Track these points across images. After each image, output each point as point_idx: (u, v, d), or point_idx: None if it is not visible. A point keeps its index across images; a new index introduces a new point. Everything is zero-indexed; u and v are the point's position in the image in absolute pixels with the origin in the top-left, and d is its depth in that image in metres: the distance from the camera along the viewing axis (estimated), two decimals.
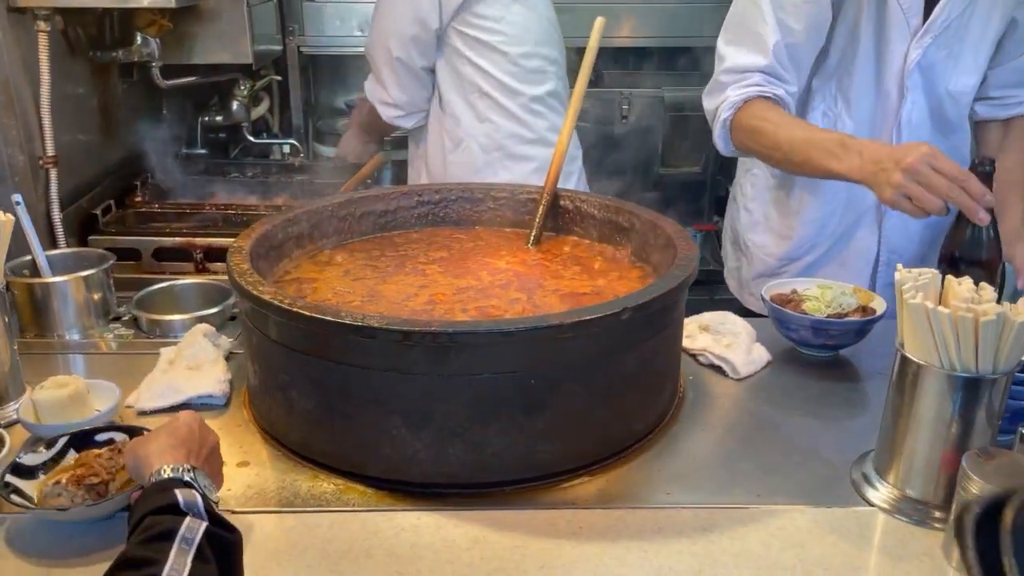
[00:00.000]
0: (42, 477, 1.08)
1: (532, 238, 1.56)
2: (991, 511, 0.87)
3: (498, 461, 1.11)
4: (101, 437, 1.14)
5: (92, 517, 1.03)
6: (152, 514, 0.85)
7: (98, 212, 1.93)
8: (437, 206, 1.65)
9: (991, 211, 1.29)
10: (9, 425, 1.24)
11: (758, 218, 1.84)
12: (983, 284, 1.05)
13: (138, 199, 2.09)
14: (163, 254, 1.88)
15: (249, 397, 1.31)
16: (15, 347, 1.32)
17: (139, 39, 1.94)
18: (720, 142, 1.66)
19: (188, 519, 0.84)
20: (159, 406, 1.31)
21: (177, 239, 1.88)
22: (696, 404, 1.34)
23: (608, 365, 1.13)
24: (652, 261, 1.44)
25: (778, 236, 1.81)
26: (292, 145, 2.62)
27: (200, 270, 1.88)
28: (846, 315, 1.47)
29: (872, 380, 1.43)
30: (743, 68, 1.60)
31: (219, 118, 2.46)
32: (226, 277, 1.77)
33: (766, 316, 1.54)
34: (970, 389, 1.03)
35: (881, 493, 1.11)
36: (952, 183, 1.29)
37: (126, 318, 1.61)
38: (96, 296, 1.58)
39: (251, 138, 2.56)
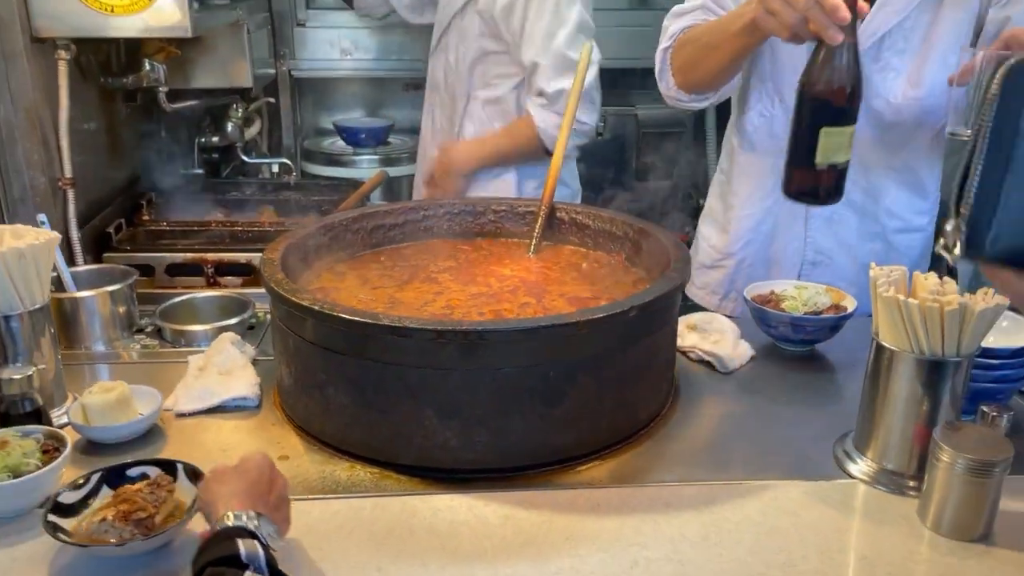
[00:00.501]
0: (85, 512, 1.10)
1: (532, 247, 1.68)
2: None
3: (520, 447, 1.23)
4: (134, 472, 1.15)
5: (145, 551, 1.06)
6: (213, 564, 0.87)
7: (111, 231, 2.02)
8: (442, 219, 1.76)
9: (853, 39, 1.27)
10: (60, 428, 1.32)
11: (707, 209, 1.98)
12: (946, 278, 1.19)
13: (146, 217, 2.18)
14: (175, 269, 1.97)
15: (281, 397, 1.42)
16: (59, 356, 1.40)
17: (147, 65, 2.03)
18: (660, 79, 1.72)
19: (248, 574, 0.86)
20: (196, 408, 1.40)
21: (189, 255, 1.97)
22: (690, 395, 1.47)
23: (617, 359, 1.26)
24: (645, 266, 1.57)
25: (720, 229, 1.90)
26: (284, 164, 2.72)
27: (211, 284, 1.97)
28: (821, 312, 1.61)
29: (845, 370, 1.57)
30: (685, 10, 1.69)
31: (215, 139, 2.55)
32: (240, 290, 1.89)
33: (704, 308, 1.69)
34: (937, 371, 1.17)
35: (861, 467, 1.25)
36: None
37: (149, 330, 1.70)
38: (121, 309, 1.66)
39: (244, 158, 2.66)
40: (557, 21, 2.06)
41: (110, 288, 1.64)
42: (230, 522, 0.93)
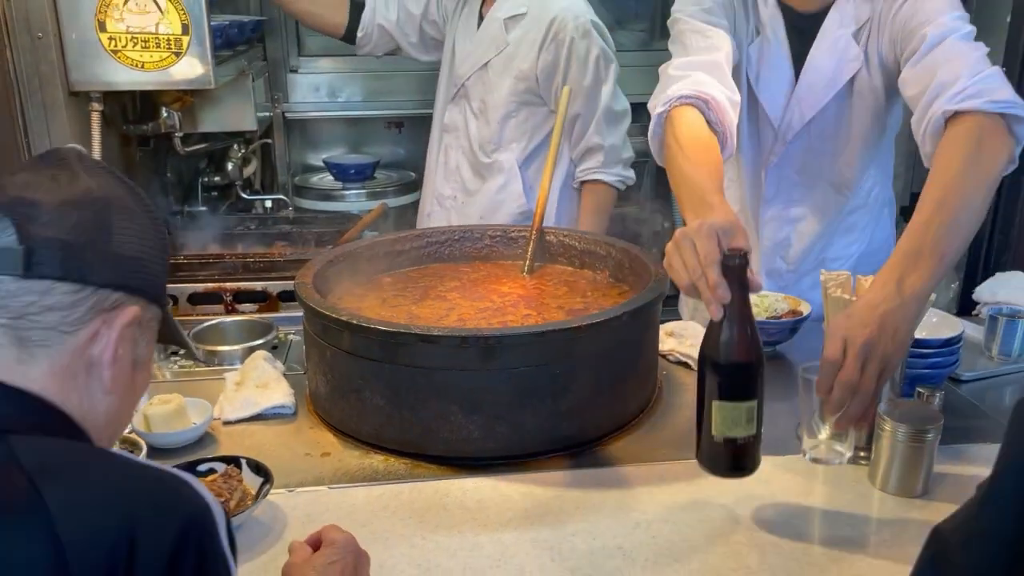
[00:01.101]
0: None
1: (527, 268, 1.90)
2: None
3: (533, 436, 1.44)
4: (203, 468, 1.33)
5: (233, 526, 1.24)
6: None
7: None
8: (443, 245, 1.97)
9: (745, 313, 1.17)
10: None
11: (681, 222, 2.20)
12: None
13: None
14: (196, 298, 2.16)
15: (315, 403, 1.60)
16: None
17: (164, 113, 2.22)
18: (651, 141, 1.64)
19: None
20: (241, 416, 1.58)
21: (209, 284, 2.15)
22: (672, 391, 1.69)
23: (612, 358, 1.48)
24: (628, 281, 1.79)
25: None
26: (280, 200, 2.91)
27: (230, 311, 2.15)
28: (780, 317, 1.85)
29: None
30: (678, 68, 1.66)
31: (217, 178, 2.74)
32: (258, 315, 2.07)
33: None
34: None
35: (822, 437, 1.48)
36: (697, 267, 1.17)
37: (182, 353, 1.87)
38: None
39: (243, 195, 2.84)
40: (598, 78, 2.27)
41: None
42: None
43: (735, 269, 1.16)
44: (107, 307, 0.85)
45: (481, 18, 2.35)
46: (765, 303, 1.89)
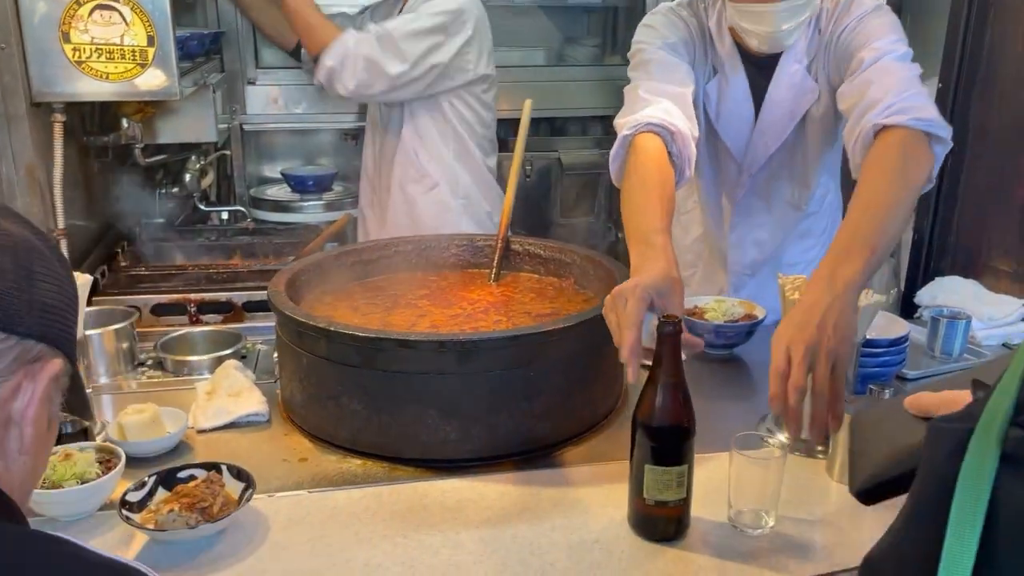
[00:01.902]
0: (147, 509, 1.29)
1: (493, 275, 1.94)
2: None
3: (509, 437, 1.48)
4: (183, 474, 1.34)
5: (210, 534, 1.25)
6: None
7: (97, 276, 2.18)
8: (411, 254, 2.01)
9: (678, 379, 1.21)
10: None
11: None
12: None
13: (123, 264, 2.34)
14: (160, 309, 2.15)
15: (290, 410, 1.62)
16: (90, 390, 1.58)
17: (125, 124, 2.22)
18: (612, 164, 1.70)
19: None
20: (215, 424, 1.59)
21: (173, 295, 2.15)
22: (636, 394, 1.74)
23: (582, 361, 1.53)
24: (593, 287, 1.85)
25: None
26: (239, 211, 2.91)
27: (194, 322, 2.15)
28: (736, 321, 1.92)
29: (759, 368, 1.88)
30: (657, 91, 1.72)
31: (175, 189, 2.73)
32: (224, 326, 2.08)
33: None
34: None
35: (781, 439, 1.55)
36: (619, 328, 1.27)
37: (149, 363, 1.87)
38: (124, 345, 1.84)
39: (202, 207, 2.84)
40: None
41: (116, 326, 1.82)
42: None
43: (669, 336, 1.20)
44: (30, 359, 0.78)
45: None
46: (722, 307, 1.97)
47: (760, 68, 1.90)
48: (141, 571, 0.73)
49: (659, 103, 1.68)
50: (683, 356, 1.24)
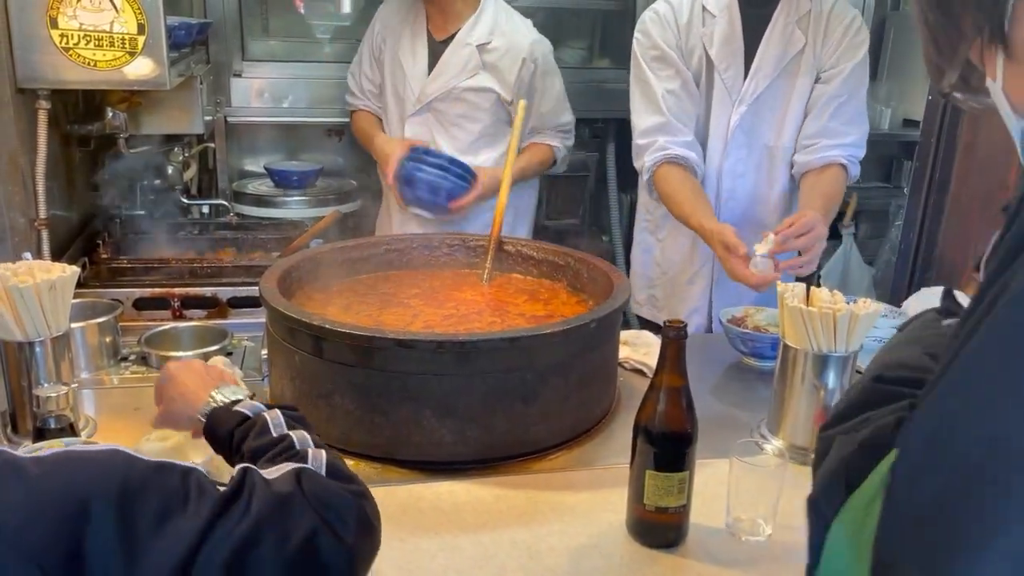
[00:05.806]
0: None
1: (486, 276, 1.92)
2: None
3: (504, 440, 1.46)
4: None
5: None
6: (238, 426, 1.06)
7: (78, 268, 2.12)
8: (402, 253, 1.98)
9: (682, 385, 1.24)
10: None
11: (639, 239, 2.40)
12: (836, 291, 1.52)
13: (104, 256, 2.29)
14: (143, 303, 2.10)
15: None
16: (74, 385, 1.53)
17: (110, 114, 2.17)
18: (648, 192, 2.20)
19: (265, 414, 1.05)
20: None
21: (157, 289, 2.10)
22: (630, 397, 1.74)
23: (579, 363, 1.52)
24: (586, 290, 1.84)
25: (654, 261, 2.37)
26: (221, 205, 2.86)
27: (177, 316, 2.10)
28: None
29: (758, 373, 1.89)
30: (649, 131, 2.11)
31: (157, 182, 2.67)
32: (209, 321, 2.04)
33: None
34: (831, 364, 1.48)
35: (776, 445, 1.55)
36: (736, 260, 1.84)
37: (132, 358, 1.83)
38: (108, 339, 1.80)
39: (184, 200, 2.79)
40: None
41: (99, 320, 1.77)
42: (218, 402, 1.12)
43: (674, 341, 1.21)
44: None
45: (430, 37, 2.49)
46: (766, 317, 1.96)
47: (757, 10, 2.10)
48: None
49: (655, 141, 2.10)
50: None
